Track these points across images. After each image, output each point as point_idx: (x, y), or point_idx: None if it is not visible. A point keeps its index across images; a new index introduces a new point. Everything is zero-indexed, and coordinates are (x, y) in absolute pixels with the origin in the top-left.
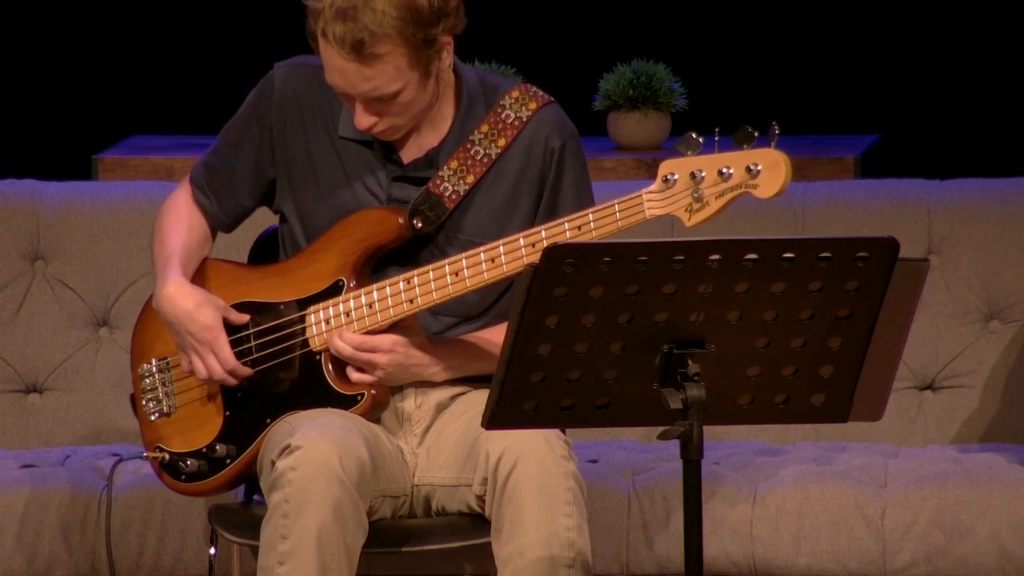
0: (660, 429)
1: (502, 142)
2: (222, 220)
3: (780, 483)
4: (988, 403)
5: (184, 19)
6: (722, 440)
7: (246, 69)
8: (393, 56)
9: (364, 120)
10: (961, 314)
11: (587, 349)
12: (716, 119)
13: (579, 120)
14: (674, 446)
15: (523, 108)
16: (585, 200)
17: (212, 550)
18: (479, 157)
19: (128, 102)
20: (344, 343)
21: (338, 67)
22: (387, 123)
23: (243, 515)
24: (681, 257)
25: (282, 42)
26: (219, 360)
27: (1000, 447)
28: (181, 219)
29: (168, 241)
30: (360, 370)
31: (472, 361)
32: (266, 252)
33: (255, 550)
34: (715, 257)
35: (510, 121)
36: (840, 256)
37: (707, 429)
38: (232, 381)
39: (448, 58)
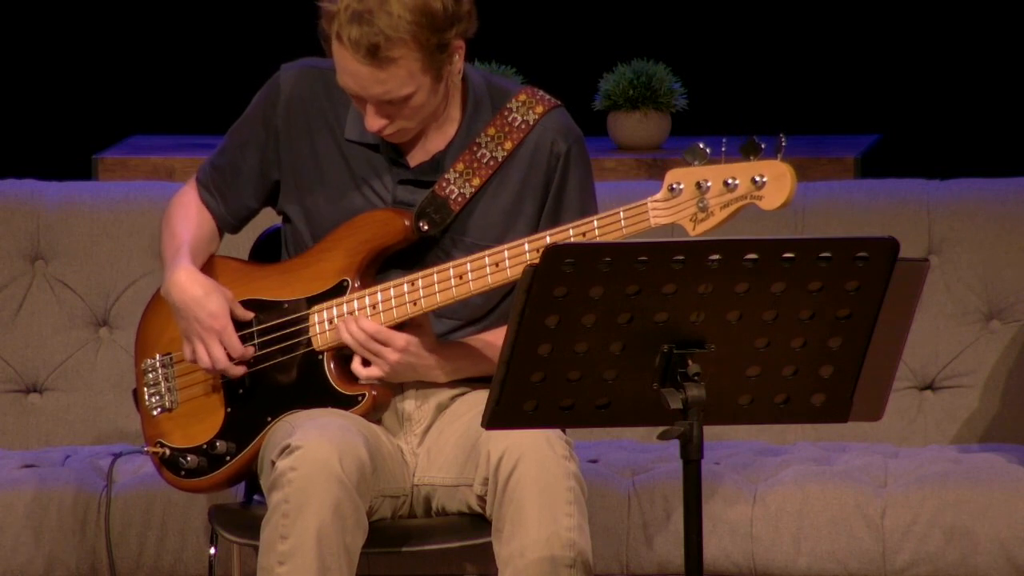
0: (660, 429)
1: (508, 145)
2: (228, 220)
3: (780, 483)
4: (988, 403)
5: (185, 19)
6: (722, 440)
7: (247, 69)
8: (407, 60)
9: (375, 122)
10: (961, 314)
11: (587, 349)
12: (716, 119)
13: (579, 120)
14: (674, 446)
15: (530, 112)
16: (589, 204)
17: (212, 550)
18: (485, 160)
19: (128, 102)
20: (359, 329)
21: (351, 70)
22: (397, 125)
23: (243, 515)
24: (681, 257)
25: (282, 42)
26: (226, 347)
27: (1000, 447)
28: (190, 215)
29: (177, 232)
30: (365, 363)
31: (476, 364)
32: (267, 251)
33: (255, 550)
34: (715, 257)
35: (516, 124)
36: (840, 256)
37: (707, 429)
38: (234, 371)
39: (459, 62)
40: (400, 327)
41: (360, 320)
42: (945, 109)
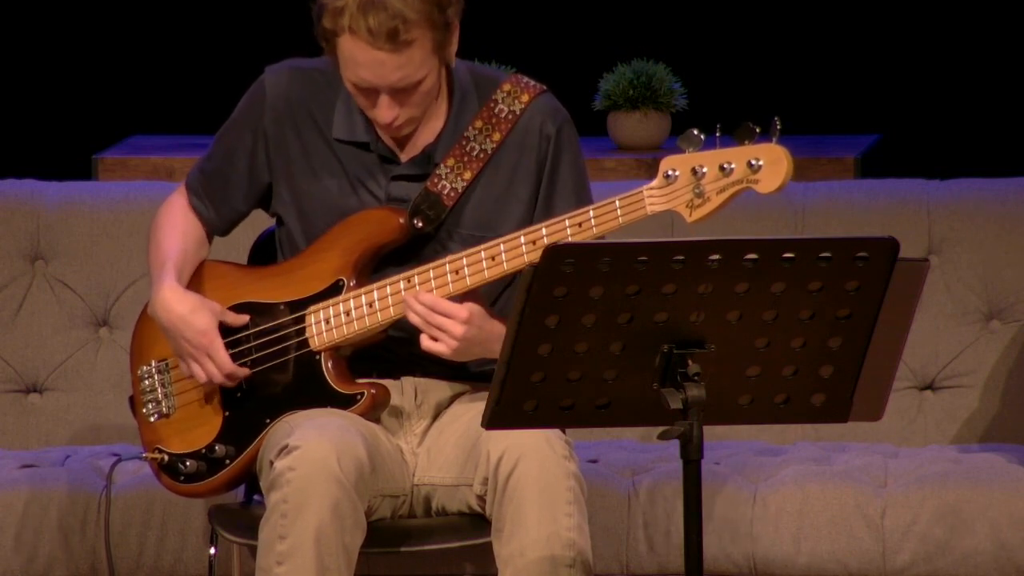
0: (660, 429)
1: (497, 136)
2: (217, 225)
3: (780, 483)
4: (988, 403)
5: (184, 19)
6: (722, 440)
7: (245, 69)
8: (422, 41)
9: (388, 113)
10: (961, 314)
11: (587, 349)
12: (716, 119)
13: (579, 120)
14: (674, 446)
15: (515, 101)
16: (582, 184)
17: (212, 550)
18: (475, 153)
19: (128, 102)
20: (418, 303)
21: (368, 60)
22: (407, 114)
23: (243, 515)
24: (681, 257)
25: (282, 42)
26: (216, 364)
27: (1000, 447)
28: (176, 224)
29: (163, 246)
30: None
31: None
32: (265, 253)
33: (255, 550)
34: (715, 257)
35: (504, 115)
36: (840, 256)
37: (707, 429)
38: (231, 384)
39: (455, 44)
40: (456, 300)
41: (419, 294)
42: (945, 109)
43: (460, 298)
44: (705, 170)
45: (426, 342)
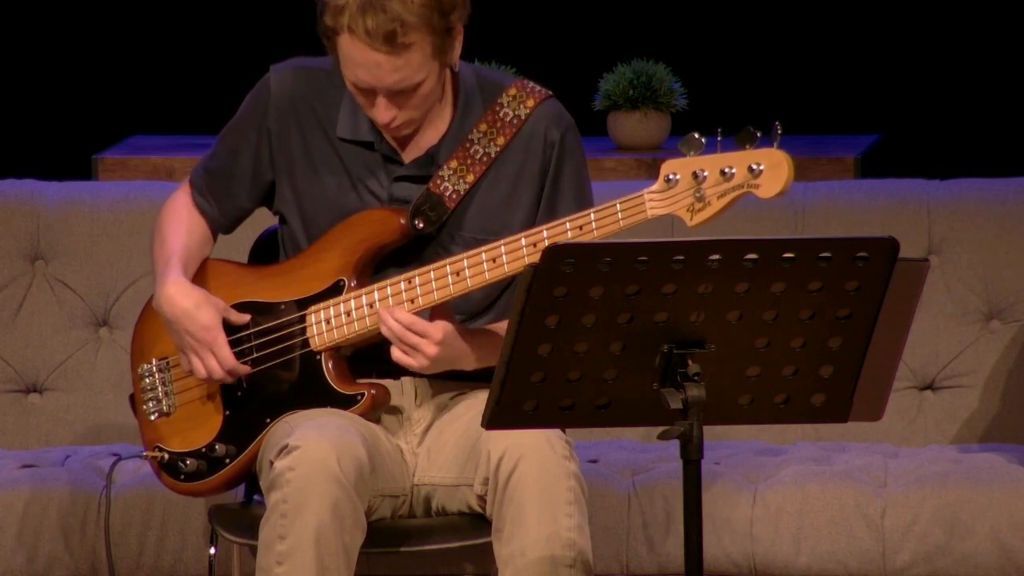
0: (660, 429)
1: (501, 140)
2: (221, 222)
3: (780, 483)
4: (988, 403)
5: (184, 19)
6: (722, 440)
7: (246, 69)
8: (421, 45)
9: (386, 114)
10: (961, 314)
11: (587, 349)
12: (716, 119)
13: (579, 120)
14: (674, 446)
15: (521, 106)
16: (584, 190)
17: (212, 550)
18: (479, 156)
19: (128, 102)
20: (394, 320)
21: (365, 61)
22: (405, 115)
23: (243, 515)
24: (681, 257)
25: (282, 42)
26: (218, 360)
27: (1000, 447)
28: (181, 220)
29: (168, 242)
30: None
31: (498, 351)
32: (267, 252)
33: (255, 550)
34: (715, 257)
35: (509, 119)
36: (840, 256)
37: (707, 429)
38: (231, 380)
39: (459, 49)
40: (424, 316)
41: (395, 311)
42: (945, 109)
43: (430, 315)
44: (706, 174)
45: (397, 354)
